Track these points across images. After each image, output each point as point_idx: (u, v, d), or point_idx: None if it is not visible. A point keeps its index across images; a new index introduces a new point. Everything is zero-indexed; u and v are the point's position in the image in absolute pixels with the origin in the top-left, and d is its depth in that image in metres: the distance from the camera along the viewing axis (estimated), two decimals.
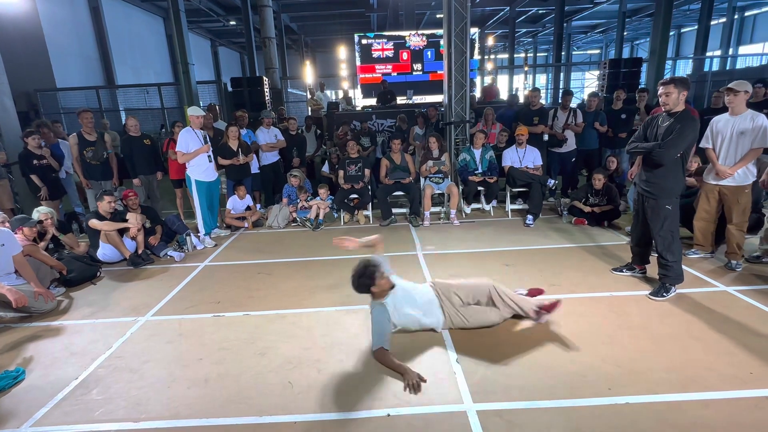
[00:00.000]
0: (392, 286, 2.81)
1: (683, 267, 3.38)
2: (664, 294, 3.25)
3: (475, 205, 6.05)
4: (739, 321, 2.89)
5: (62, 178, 5.80)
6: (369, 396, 2.31)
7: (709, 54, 17.37)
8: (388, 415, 2.17)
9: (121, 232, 4.49)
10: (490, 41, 24.60)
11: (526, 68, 23.89)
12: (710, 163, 3.76)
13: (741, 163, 3.55)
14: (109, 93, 13.42)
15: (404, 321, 2.80)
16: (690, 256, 4.01)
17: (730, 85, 3.56)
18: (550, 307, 2.87)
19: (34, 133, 5.35)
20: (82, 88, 12.35)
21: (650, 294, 3.30)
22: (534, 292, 3.22)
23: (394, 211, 5.79)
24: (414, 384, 2.33)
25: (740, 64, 20.52)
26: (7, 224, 3.84)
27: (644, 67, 11.80)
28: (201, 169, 4.96)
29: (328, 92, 15.58)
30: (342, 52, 18.98)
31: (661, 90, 3.13)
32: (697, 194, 4.02)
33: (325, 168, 6.60)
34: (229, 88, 11.94)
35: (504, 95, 14.22)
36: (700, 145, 3.81)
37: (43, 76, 11.41)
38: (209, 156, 5.01)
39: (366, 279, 2.70)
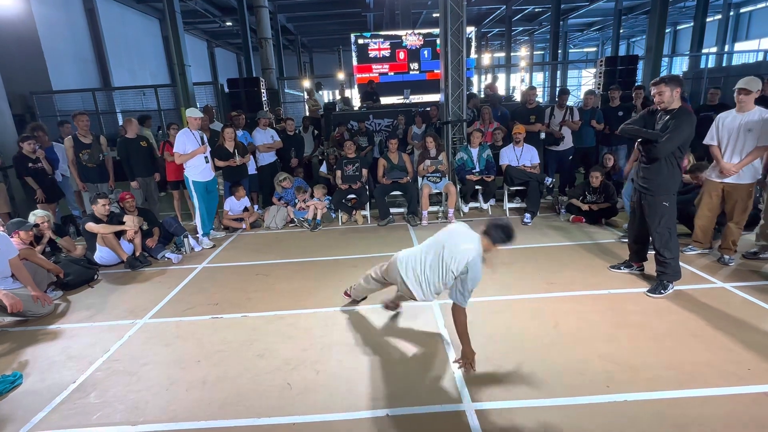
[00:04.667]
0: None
1: (681, 264, 3.39)
2: (662, 291, 3.25)
3: (472, 204, 6.05)
4: (736, 317, 2.90)
5: (59, 182, 5.79)
6: (368, 396, 2.31)
7: (704, 51, 17.38)
8: (387, 415, 2.16)
9: (119, 234, 4.48)
10: (486, 40, 24.59)
11: (523, 66, 23.89)
12: (714, 160, 3.71)
13: (746, 160, 3.51)
14: (106, 95, 13.35)
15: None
16: (687, 252, 4.02)
17: (743, 85, 3.44)
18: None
19: (29, 138, 5.34)
20: (78, 90, 12.27)
21: (648, 291, 3.30)
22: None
23: (392, 210, 5.78)
24: (470, 363, 2.44)
25: (736, 61, 20.54)
26: (2, 228, 3.83)
27: (640, 65, 11.82)
28: (198, 170, 4.94)
29: (326, 92, 15.54)
30: (338, 52, 18.93)
31: (653, 90, 3.14)
32: (700, 192, 3.98)
33: (323, 168, 6.59)
34: (226, 89, 11.90)
35: (502, 93, 14.18)
36: (704, 142, 3.74)
37: (39, 79, 11.34)
38: (206, 157, 5.00)
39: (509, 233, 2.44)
